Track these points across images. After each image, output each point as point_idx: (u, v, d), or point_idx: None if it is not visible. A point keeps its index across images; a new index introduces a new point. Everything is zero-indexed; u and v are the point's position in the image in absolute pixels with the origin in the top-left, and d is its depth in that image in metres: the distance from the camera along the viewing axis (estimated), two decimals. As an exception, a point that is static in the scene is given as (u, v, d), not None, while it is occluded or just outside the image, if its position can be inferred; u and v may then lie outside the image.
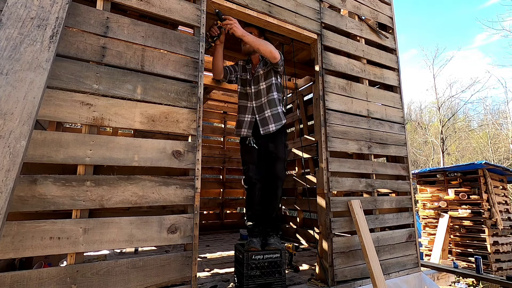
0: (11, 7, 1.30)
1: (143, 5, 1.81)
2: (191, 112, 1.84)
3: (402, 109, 3.13)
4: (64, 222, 1.39)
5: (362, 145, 2.69)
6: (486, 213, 5.34)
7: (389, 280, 2.48)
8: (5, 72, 1.19)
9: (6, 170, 1.07)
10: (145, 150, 1.64)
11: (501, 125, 18.47)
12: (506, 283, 3.46)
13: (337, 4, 2.92)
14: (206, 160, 4.92)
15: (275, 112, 2.35)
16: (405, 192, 2.93)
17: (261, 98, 2.39)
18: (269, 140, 2.35)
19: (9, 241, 1.27)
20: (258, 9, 2.31)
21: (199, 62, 1.93)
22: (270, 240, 2.21)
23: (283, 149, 2.36)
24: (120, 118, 1.61)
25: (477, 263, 3.92)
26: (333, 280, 2.23)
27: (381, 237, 2.59)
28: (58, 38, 1.36)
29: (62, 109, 1.46)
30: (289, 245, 2.72)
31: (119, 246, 1.50)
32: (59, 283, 1.34)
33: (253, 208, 2.35)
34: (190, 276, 1.66)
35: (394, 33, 3.32)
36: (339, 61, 2.72)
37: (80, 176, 1.46)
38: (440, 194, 6.10)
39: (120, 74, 1.65)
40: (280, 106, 2.40)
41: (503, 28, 21.49)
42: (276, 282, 2.07)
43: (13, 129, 1.13)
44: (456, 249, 5.71)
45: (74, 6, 1.56)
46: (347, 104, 2.69)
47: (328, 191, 2.38)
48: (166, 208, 1.89)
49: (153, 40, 1.80)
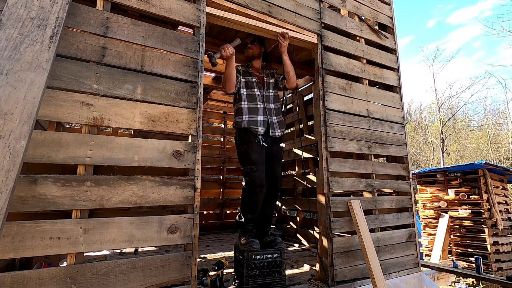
0: (11, 7, 1.30)
1: (143, 5, 1.81)
2: (191, 112, 1.84)
3: (402, 109, 3.13)
4: (64, 222, 1.39)
5: (362, 145, 2.69)
6: (486, 213, 5.34)
7: (389, 280, 2.48)
8: (5, 72, 1.19)
9: (6, 170, 1.07)
10: (145, 150, 1.64)
11: (501, 125, 18.47)
12: (506, 283, 3.46)
13: (337, 4, 2.92)
14: (206, 160, 4.92)
15: (280, 120, 2.52)
16: (405, 192, 2.93)
17: (269, 102, 2.50)
18: (274, 142, 2.45)
19: (9, 241, 1.27)
20: (258, 9, 2.31)
21: (199, 62, 1.93)
22: (278, 240, 2.24)
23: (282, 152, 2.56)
24: (120, 118, 1.61)
25: (477, 263, 3.92)
26: (333, 280, 2.23)
27: (381, 237, 2.59)
28: (58, 38, 1.36)
29: (62, 109, 1.46)
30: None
31: (119, 246, 1.50)
32: (59, 283, 1.34)
33: (255, 210, 2.26)
34: (190, 276, 1.66)
35: (394, 33, 3.32)
36: (339, 61, 2.72)
37: (80, 176, 1.46)
38: (440, 194, 6.10)
39: (120, 74, 1.65)
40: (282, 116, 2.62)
41: (503, 28, 21.47)
42: (276, 282, 2.07)
43: (13, 129, 1.13)
44: (456, 249, 5.71)
45: (74, 6, 1.56)
46: (347, 104, 2.69)
47: (328, 191, 2.38)
48: (166, 208, 1.89)
49: (153, 40, 1.80)
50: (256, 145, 2.29)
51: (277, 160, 2.44)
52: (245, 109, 2.39)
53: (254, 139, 2.31)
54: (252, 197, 2.22)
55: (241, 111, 2.38)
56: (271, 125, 2.41)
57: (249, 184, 2.21)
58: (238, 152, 2.40)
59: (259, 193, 2.20)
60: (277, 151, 2.46)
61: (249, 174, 2.21)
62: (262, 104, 2.43)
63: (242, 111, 2.38)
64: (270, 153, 2.39)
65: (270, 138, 2.41)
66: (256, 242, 2.09)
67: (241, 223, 2.29)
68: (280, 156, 2.49)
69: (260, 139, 2.32)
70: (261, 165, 2.25)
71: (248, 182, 2.21)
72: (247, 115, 2.37)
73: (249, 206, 2.25)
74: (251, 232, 2.23)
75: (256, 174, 2.18)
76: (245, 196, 2.27)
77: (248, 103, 2.41)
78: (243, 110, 2.38)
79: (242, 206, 2.31)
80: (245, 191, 2.26)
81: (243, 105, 2.39)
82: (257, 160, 2.24)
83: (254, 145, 2.29)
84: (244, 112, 2.37)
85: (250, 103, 2.40)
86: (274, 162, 2.39)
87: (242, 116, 2.36)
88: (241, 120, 2.35)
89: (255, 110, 2.39)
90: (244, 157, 2.31)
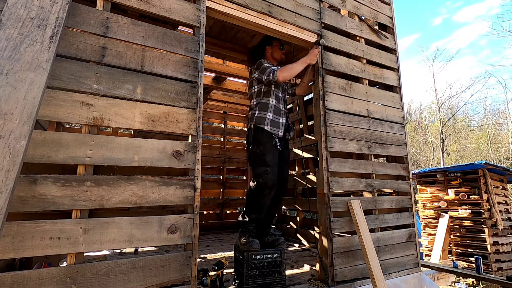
0: (11, 7, 1.30)
1: (143, 5, 1.81)
2: (191, 112, 1.84)
3: (402, 109, 3.13)
4: (64, 222, 1.39)
5: (362, 145, 2.69)
6: (486, 213, 5.34)
7: (389, 280, 2.48)
8: (5, 72, 1.19)
9: (6, 170, 1.07)
10: (145, 150, 1.64)
11: (501, 125, 18.47)
12: (506, 283, 3.46)
13: (337, 4, 2.92)
14: (206, 160, 4.92)
15: (290, 122, 2.57)
16: (405, 192, 2.93)
17: (285, 106, 2.56)
18: (286, 144, 2.49)
19: (9, 241, 1.27)
20: (258, 9, 2.31)
21: (199, 62, 1.93)
22: (281, 239, 2.27)
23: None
24: (120, 118, 1.61)
25: (477, 263, 3.92)
26: (333, 280, 2.23)
27: (381, 237, 2.59)
28: (58, 38, 1.36)
29: (62, 109, 1.46)
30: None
31: (119, 246, 1.50)
32: (59, 283, 1.34)
33: (262, 211, 2.26)
34: (190, 276, 1.66)
35: (394, 33, 3.32)
36: (339, 61, 2.72)
37: (80, 176, 1.46)
38: (440, 194, 6.10)
39: (120, 74, 1.65)
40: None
41: (503, 28, 21.49)
42: (276, 282, 2.07)
43: (13, 129, 1.13)
44: (456, 249, 5.71)
45: (74, 6, 1.56)
46: (347, 104, 2.69)
47: (328, 191, 2.38)
48: (166, 208, 1.89)
49: (153, 40, 1.80)
50: (273, 147, 2.29)
51: (288, 163, 2.51)
52: (272, 106, 2.37)
53: (271, 141, 2.29)
54: (260, 198, 2.21)
55: (267, 107, 2.35)
56: (287, 128, 2.47)
57: (260, 185, 2.19)
58: (251, 152, 2.33)
59: (268, 195, 2.21)
60: (288, 154, 2.52)
61: (263, 176, 2.19)
62: (283, 107, 2.48)
63: (268, 108, 2.35)
64: (283, 156, 2.42)
65: (283, 141, 2.44)
66: (256, 242, 2.09)
67: (243, 223, 2.27)
68: (289, 160, 2.56)
69: (277, 142, 2.32)
70: (275, 168, 2.26)
71: (261, 183, 2.19)
72: (272, 113, 2.35)
73: (256, 207, 2.24)
74: (252, 232, 2.23)
75: (269, 176, 2.19)
76: (253, 197, 2.25)
77: (276, 102, 2.41)
78: (269, 107, 2.35)
79: (248, 206, 2.28)
80: (253, 191, 2.23)
81: (271, 102, 2.37)
82: (271, 163, 2.24)
83: (271, 147, 2.28)
84: (270, 109, 2.35)
85: (277, 103, 2.42)
86: (285, 165, 2.45)
87: (267, 112, 2.34)
88: (265, 117, 2.32)
89: (278, 112, 2.41)
90: (259, 158, 2.27)
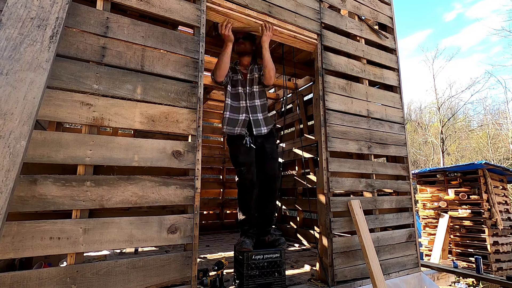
0: (11, 7, 1.30)
1: (143, 5, 1.81)
2: (191, 112, 1.84)
3: (402, 109, 3.13)
4: (64, 222, 1.39)
5: (362, 145, 2.69)
6: (486, 213, 5.34)
7: (389, 280, 2.48)
8: (5, 72, 1.19)
9: (6, 170, 1.07)
10: (145, 150, 1.64)
11: (501, 125, 18.47)
12: (506, 283, 3.46)
13: (337, 4, 2.92)
14: (206, 160, 4.92)
15: (266, 116, 2.51)
16: (405, 192, 2.93)
17: (254, 99, 2.48)
18: (264, 140, 2.43)
19: (9, 241, 1.27)
20: (258, 9, 2.31)
21: (199, 62, 1.93)
22: (282, 239, 2.27)
23: (276, 149, 2.52)
24: (120, 118, 1.61)
25: (477, 263, 3.92)
26: (333, 280, 2.23)
27: (381, 237, 2.59)
28: (58, 38, 1.36)
29: (62, 109, 1.46)
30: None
31: (119, 246, 1.50)
32: (59, 283, 1.34)
33: (249, 210, 2.29)
34: (190, 276, 1.66)
35: (394, 33, 3.32)
36: (339, 61, 2.72)
37: (80, 176, 1.46)
38: (440, 194, 6.10)
39: (120, 74, 1.65)
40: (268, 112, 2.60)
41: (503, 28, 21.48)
42: (276, 282, 2.07)
43: (13, 129, 1.13)
44: (456, 249, 5.71)
45: (74, 6, 1.56)
46: (347, 104, 2.69)
47: (328, 191, 2.38)
48: (166, 208, 1.89)
49: (153, 40, 1.80)
50: (244, 146, 2.31)
51: (271, 158, 2.39)
52: (228, 106, 2.45)
53: (241, 141, 2.33)
54: (243, 198, 2.32)
55: (225, 107, 2.46)
56: (255, 123, 2.41)
57: (240, 185, 2.30)
58: (229, 154, 2.46)
59: (250, 194, 2.28)
60: (271, 148, 2.42)
61: (239, 176, 2.30)
62: (245, 103, 2.45)
63: (225, 107, 2.46)
64: (263, 152, 2.38)
65: (261, 138, 2.40)
66: (246, 242, 2.08)
67: (239, 224, 2.33)
68: (274, 154, 2.44)
69: (247, 141, 2.32)
70: (251, 166, 2.29)
71: (239, 183, 2.30)
72: (229, 112, 2.43)
73: (242, 206, 2.34)
74: (247, 232, 2.25)
75: (246, 176, 2.26)
76: (238, 197, 2.37)
77: (232, 101, 2.47)
78: (226, 107, 2.46)
79: (238, 207, 2.39)
80: (238, 192, 2.35)
81: (226, 102, 2.47)
82: (245, 162, 2.28)
83: (242, 147, 2.32)
84: (227, 108, 2.44)
85: (234, 101, 2.46)
86: (267, 160, 2.37)
87: (226, 112, 2.44)
88: (225, 117, 2.42)
89: (236, 109, 2.44)
90: (233, 159, 2.38)
